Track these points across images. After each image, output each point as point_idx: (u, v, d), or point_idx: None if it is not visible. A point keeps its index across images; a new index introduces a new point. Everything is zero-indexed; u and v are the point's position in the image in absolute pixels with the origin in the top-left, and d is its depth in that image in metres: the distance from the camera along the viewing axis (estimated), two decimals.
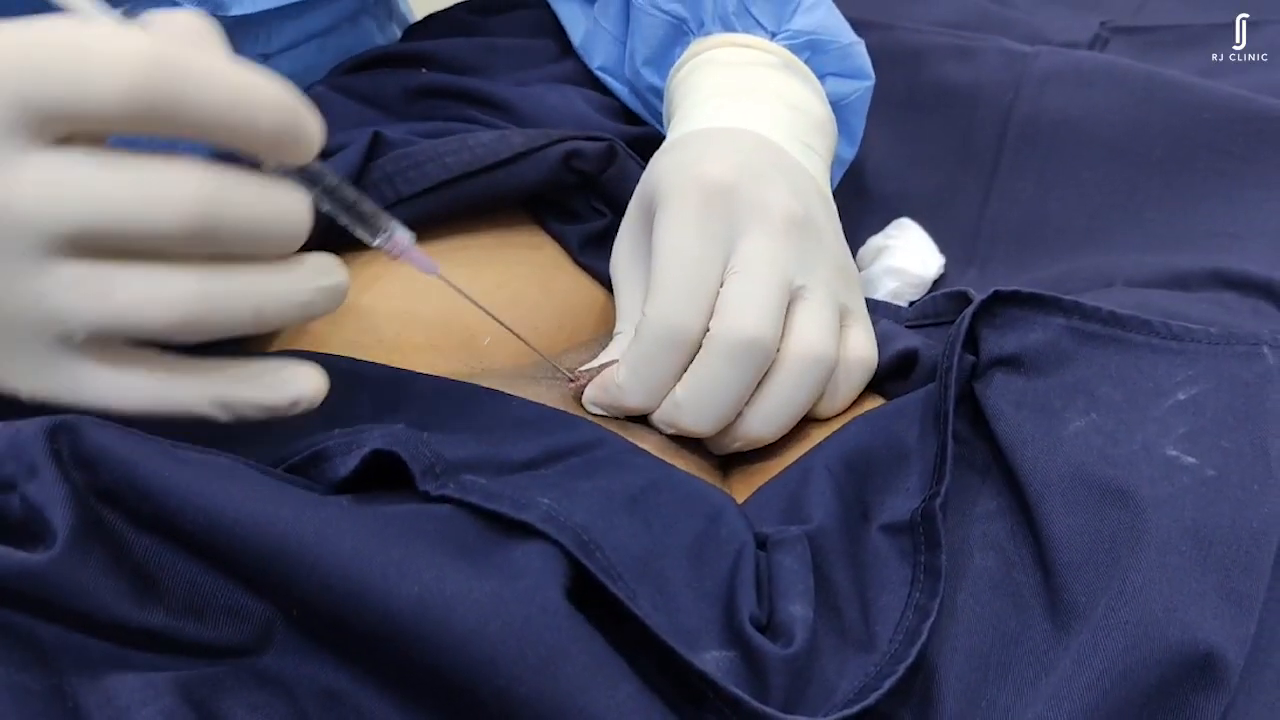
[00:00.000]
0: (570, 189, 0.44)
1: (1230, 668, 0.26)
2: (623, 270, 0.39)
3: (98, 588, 0.23)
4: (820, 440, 0.36)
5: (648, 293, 0.35)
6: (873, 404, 0.39)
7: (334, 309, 0.28)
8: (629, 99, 0.53)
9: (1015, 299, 0.35)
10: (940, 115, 0.58)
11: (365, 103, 0.49)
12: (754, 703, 0.25)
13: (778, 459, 0.37)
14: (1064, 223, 0.53)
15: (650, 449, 0.34)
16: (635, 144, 0.46)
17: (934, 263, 0.52)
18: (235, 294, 0.26)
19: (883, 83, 0.51)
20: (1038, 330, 0.34)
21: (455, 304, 0.39)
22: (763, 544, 0.30)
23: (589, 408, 0.37)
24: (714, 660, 0.26)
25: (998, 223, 0.55)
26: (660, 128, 0.50)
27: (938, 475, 0.31)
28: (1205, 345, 0.33)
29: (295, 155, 0.27)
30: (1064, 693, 0.26)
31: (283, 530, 0.23)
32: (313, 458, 0.28)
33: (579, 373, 0.37)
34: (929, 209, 0.55)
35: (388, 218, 0.31)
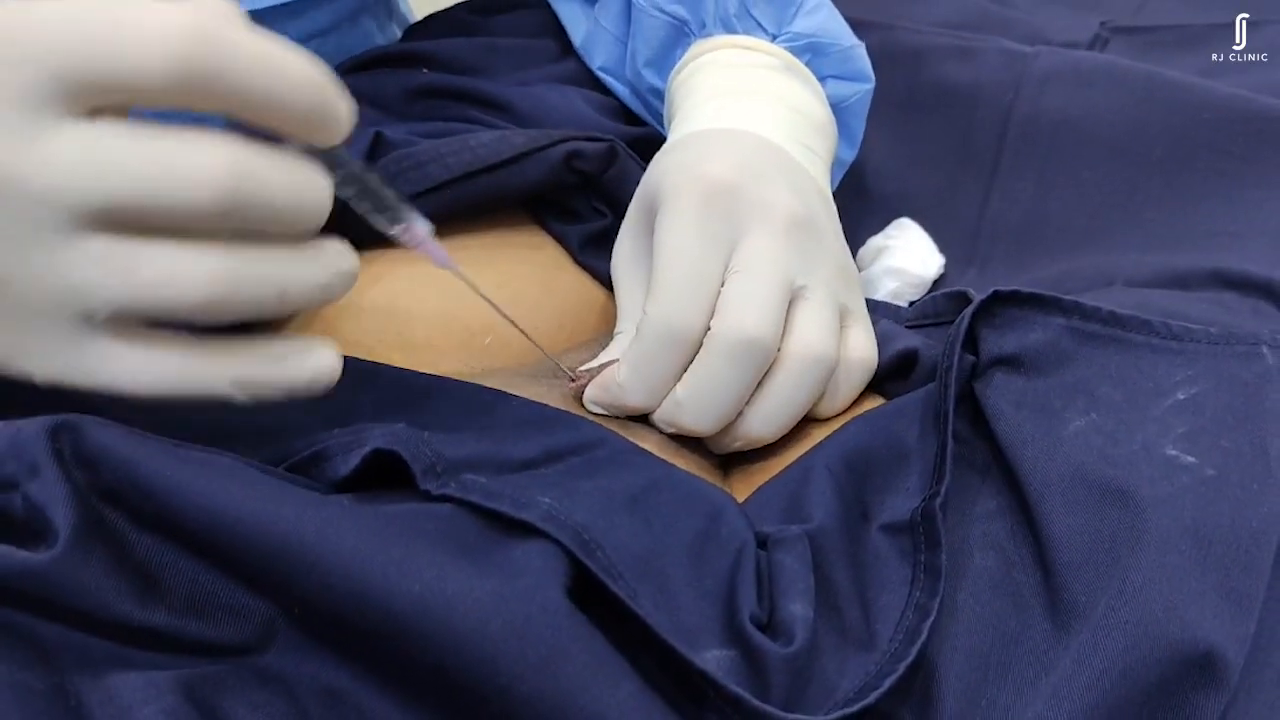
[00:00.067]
0: (571, 189, 0.44)
1: (1230, 667, 0.26)
2: (623, 270, 0.39)
3: (99, 587, 0.23)
4: (820, 440, 0.36)
5: (649, 292, 0.35)
6: (873, 404, 0.39)
7: (344, 295, 0.28)
8: (630, 99, 0.53)
9: (1015, 299, 0.35)
10: (940, 115, 0.58)
11: (366, 103, 0.49)
12: (755, 701, 0.25)
13: (778, 458, 0.37)
14: (1064, 222, 0.53)
15: (651, 448, 0.34)
16: (636, 144, 0.46)
17: (934, 263, 0.52)
18: (261, 274, 0.25)
19: (883, 83, 0.51)
20: (1037, 330, 0.34)
21: (455, 304, 0.39)
22: (763, 543, 0.30)
23: (590, 407, 0.37)
24: (715, 659, 0.26)
25: (998, 223, 0.55)
26: (661, 129, 0.50)
27: (938, 475, 0.31)
28: (1205, 345, 0.33)
29: (325, 136, 0.26)
30: (1064, 692, 0.26)
31: (284, 529, 0.23)
32: (313, 457, 0.28)
33: (580, 372, 0.37)
34: (929, 209, 0.55)
35: (409, 208, 0.31)
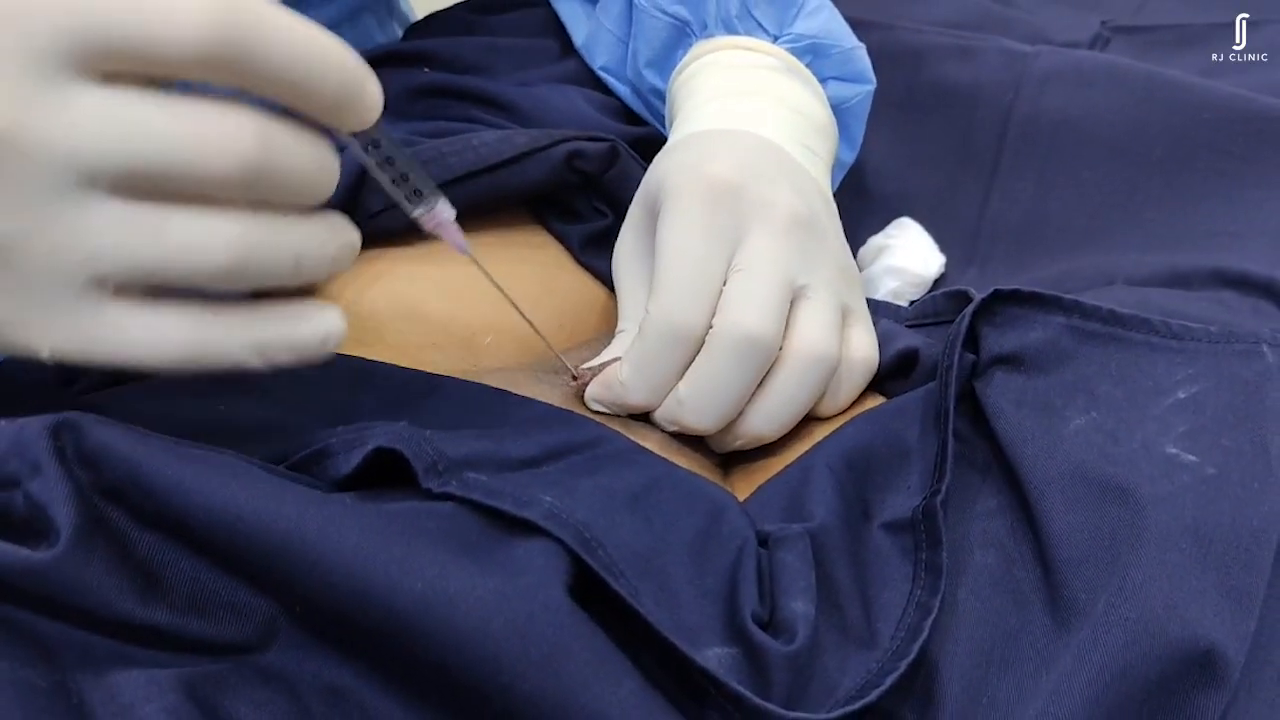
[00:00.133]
0: (572, 189, 0.44)
1: (1231, 665, 0.26)
2: (625, 269, 0.39)
3: (101, 585, 0.23)
4: (821, 439, 0.36)
5: (651, 290, 0.35)
6: (874, 403, 0.39)
7: (346, 269, 0.28)
8: (631, 99, 0.53)
9: (1015, 298, 0.35)
10: (941, 115, 0.58)
11: None
12: (756, 699, 0.25)
13: (779, 457, 0.37)
14: (1064, 222, 0.53)
15: (652, 447, 0.34)
16: (637, 144, 0.46)
17: (934, 262, 0.52)
18: (279, 242, 0.25)
19: (883, 83, 0.51)
20: (1038, 329, 0.34)
21: (456, 304, 0.39)
22: (764, 541, 0.30)
23: (591, 405, 0.37)
24: (716, 657, 0.26)
25: (998, 222, 0.55)
26: (662, 129, 0.50)
27: (938, 473, 0.31)
28: (1205, 344, 0.33)
29: (354, 120, 0.26)
30: (1065, 689, 0.26)
31: (286, 527, 0.23)
32: (315, 455, 0.28)
33: (582, 370, 0.37)
34: (929, 208, 0.55)
35: (434, 190, 0.31)
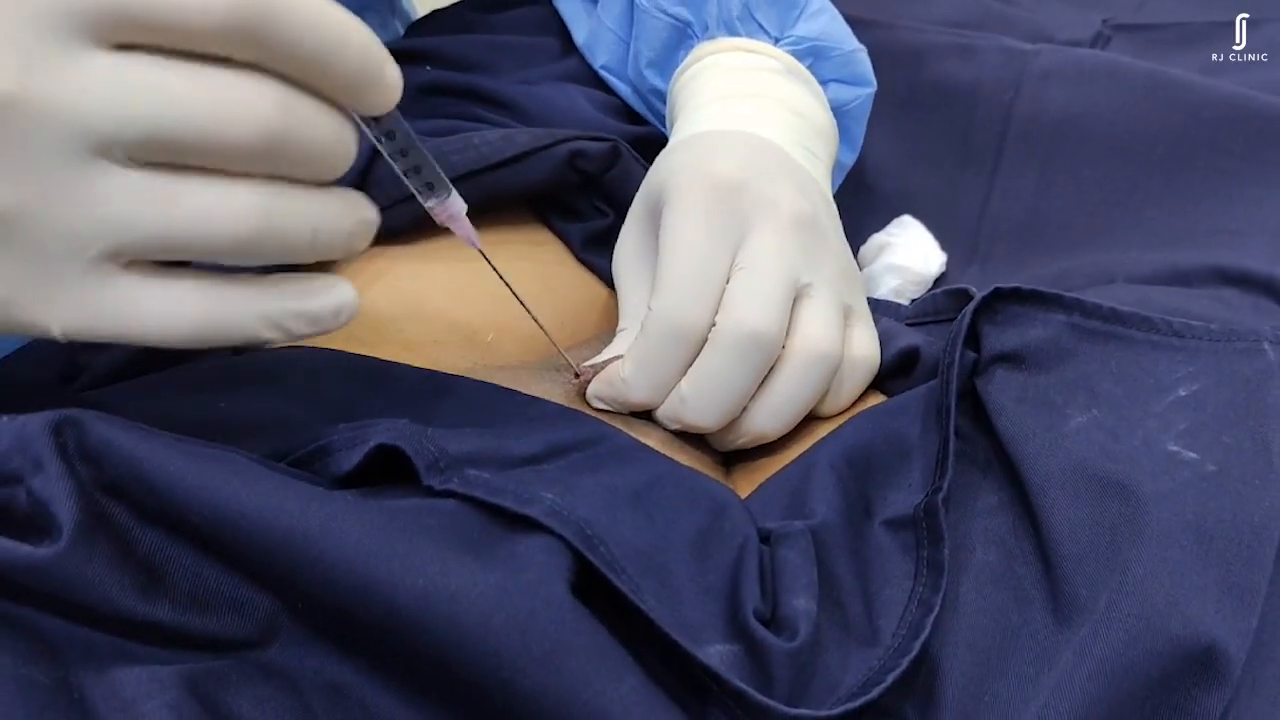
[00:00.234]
0: (574, 188, 0.44)
1: (1232, 662, 0.26)
2: (627, 267, 0.39)
3: (103, 581, 0.23)
4: (822, 437, 0.36)
5: (654, 287, 0.35)
6: (875, 401, 0.39)
7: (364, 248, 0.27)
8: (632, 98, 0.53)
9: (1016, 296, 0.35)
10: (941, 113, 0.58)
11: None
12: (758, 696, 0.25)
13: (780, 455, 0.37)
14: (1065, 220, 0.53)
15: (654, 445, 0.34)
16: (638, 144, 0.46)
17: (935, 260, 0.52)
18: (296, 215, 0.25)
19: (884, 81, 0.51)
20: (1038, 327, 0.34)
21: (458, 301, 0.39)
22: (766, 539, 0.30)
23: (593, 402, 0.37)
24: (718, 654, 0.26)
25: (999, 220, 0.55)
26: (663, 129, 0.50)
27: (940, 470, 0.31)
28: (1206, 341, 0.33)
29: (373, 101, 0.26)
30: (1066, 685, 0.26)
31: (288, 524, 0.23)
32: (317, 452, 0.28)
33: (584, 368, 0.37)
34: (930, 207, 0.55)
35: (447, 183, 0.31)
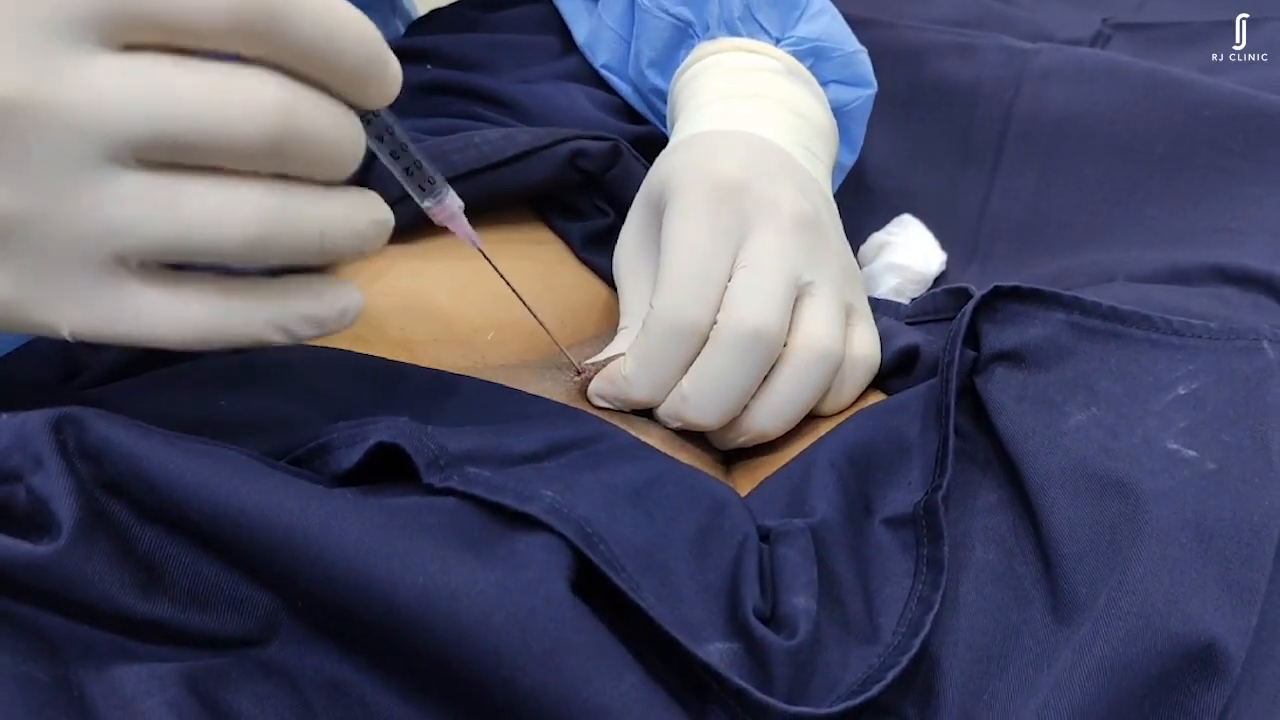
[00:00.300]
0: (574, 187, 0.44)
1: (1232, 659, 0.26)
2: (627, 266, 0.39)
3: (103, 579, 0.23)
4: (822, 435, 0.36)
5: (656, 285, 0.35)
6: (875, 400, 0.39)
7: (378, 250, 0.27)
8: (632, 97, 0.53)
9: (1015, 294, 0.35)
10: (942, 112, 0.58)
11: None
12: (758, 694, 0.25)
13: (780, 454, 0.37)
14: (1065, 219, 0.53)
15: (654, 443, 0.34)
16: (638, 143, 0.46)
17: (935, 259, 0.52)
18: (304, 215, 0.24)
19: (884, 80, 0.51)
20: (1038, 325, 0.34)
21: (457, 300, 0.39)
22: (766, 536, 0.30)
23: (594, 400, 0.37)
24: (718, 652, 0.26)
25: (999, 219, 0.55)
26: (663, 128, 0.50)
27: (940, 468, 0.31)
28: (1205, 340, 0.33)
29: (375, 96, 0.26)
30: (1065, 683, 0.26)
31: (288, 522, 0.23)
32: (316, 450, 0.28)
33: (585, 365, 0.37)
34: (930, 206, 0.55)
35: (444, 182, 0.31)
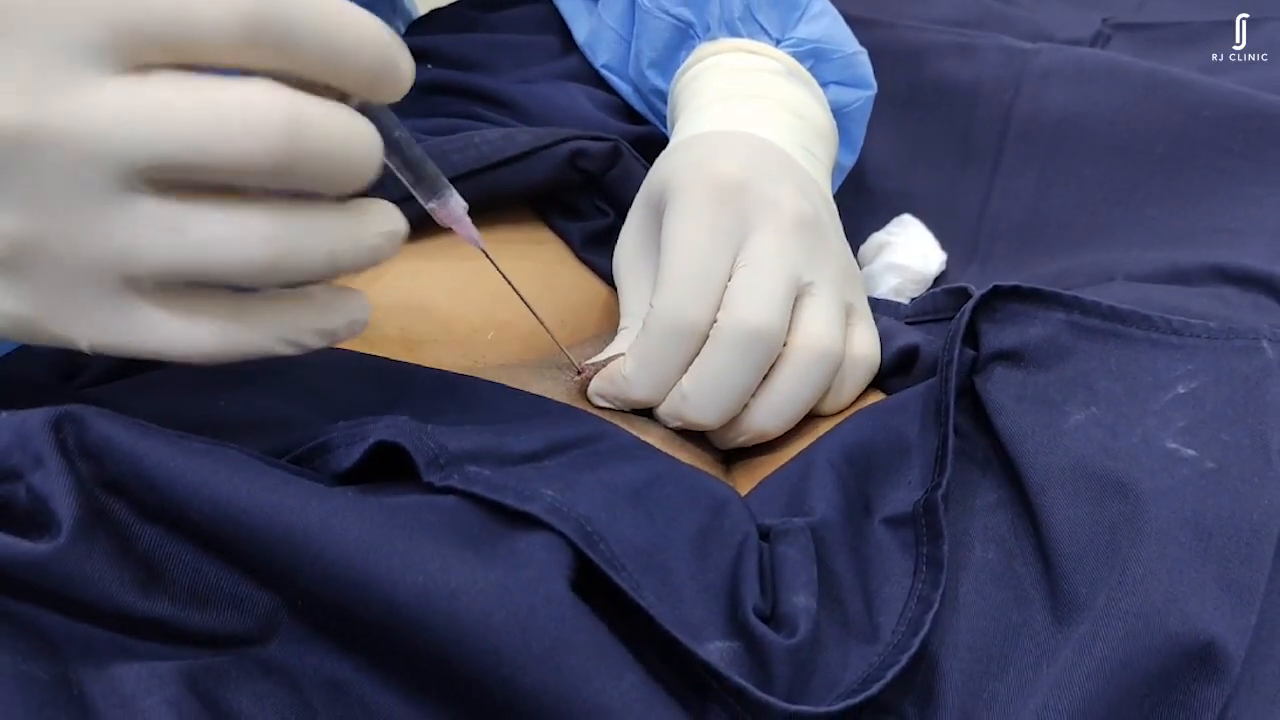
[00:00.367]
0: (574, 187, 0.44)
1: (1231, 658, 0.26)
2: (627, 266, 0.39)
3: (103, 577, 0.23)
4: (822, 434, 0.36)
5: (656, 285, 0.35)
6: (874, 399, 0.39)
7: (391, 257, 0.27)
8: (632, 98, 0.53)
9: (1015, 294, 0.35)
10: (941, 113, 0.59)
11: None
12: (758, 692, 0.25)
13: (780, 453, 0.37)
14: (1065, 219, 0.53)
15: (655, 442, 0.34)
16: (638, 143, 0.46)
17: (935, 259, 0.52)
18: (311, 234, 0.24)
19: (884, 80, 0.51)
20: (1037, 325, 0.34)
21: (458, 300, 0.39)
22: (765, 535, 0.30)
23: (594, 400, 0.37)
24: (718, 651, 0.26)
25: (999, 219, 0.55)
26: (664, 129, 0.50)
27: (939, 468, 0.31)
28: (1205, 339, 0.33)
29: (389, 91, 0.26)
30: (1065, 682, 0.26)
31: (288, 520, 0.23)
32: (317, 449, 0.28)
33: (585, 365, 0.37)
34: (930, 206, 0.55)
35: (446, 183, 0.31)
